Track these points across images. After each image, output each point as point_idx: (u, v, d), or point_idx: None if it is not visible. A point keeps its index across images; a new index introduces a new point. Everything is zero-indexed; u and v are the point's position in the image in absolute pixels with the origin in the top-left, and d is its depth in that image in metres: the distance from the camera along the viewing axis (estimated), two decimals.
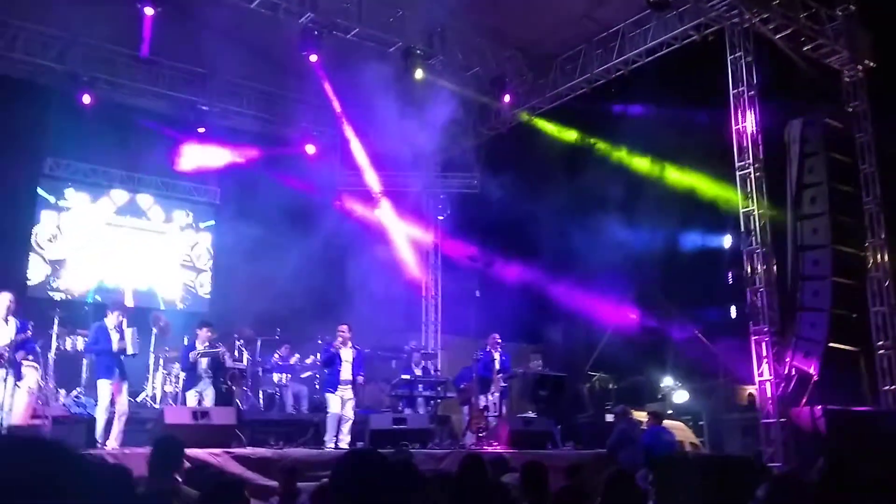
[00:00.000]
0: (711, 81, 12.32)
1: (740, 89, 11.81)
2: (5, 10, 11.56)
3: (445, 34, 13.23)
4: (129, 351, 9.19)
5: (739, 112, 11.77)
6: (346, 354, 10.43)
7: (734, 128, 11.82)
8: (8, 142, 12.51)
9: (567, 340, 14.44)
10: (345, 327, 10.60)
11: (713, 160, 12.62)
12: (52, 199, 13.80)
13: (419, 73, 13.50)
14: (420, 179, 17.04)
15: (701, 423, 14.50)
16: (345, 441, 10.10)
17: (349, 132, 15.27)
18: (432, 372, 14.16)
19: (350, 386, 10.38)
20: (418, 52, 13.02)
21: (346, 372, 10.36)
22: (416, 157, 16.19)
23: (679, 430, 12.72)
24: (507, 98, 14.61)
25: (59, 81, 12.93)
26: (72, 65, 12.87)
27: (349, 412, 10.29)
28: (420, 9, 12.36)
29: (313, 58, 12.47)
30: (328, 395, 10.43)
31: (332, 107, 15.25)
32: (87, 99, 12.80)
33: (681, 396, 15.15)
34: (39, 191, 13.84)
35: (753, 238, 11.39)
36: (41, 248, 13.68)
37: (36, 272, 13.59)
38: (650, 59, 13.22)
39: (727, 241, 13.19)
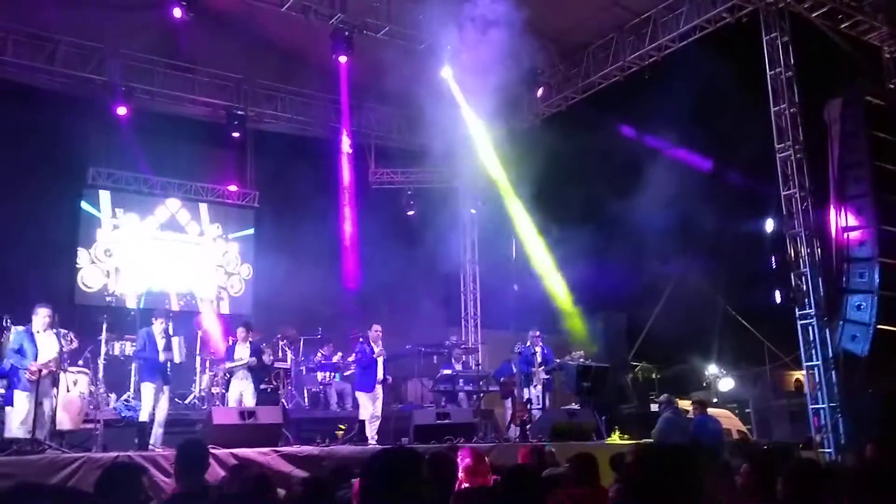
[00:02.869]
0: (748, 64, 12.12)
1: (777, 70, 11.62)
2: (44, 25, 11.83)
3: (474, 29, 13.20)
4: (176, 359, 9.36)
5: (777, 94, 11.59)
6: (380, 356, 10.60)
7: (772, 110, 11.63)
8: (51, 153, 12.82)
9: (608, 331, 14.31)
10: (378, 327, 10.75)
11: (751, 143, 12.42)
12: (105, 218, 14.51)
13: (447, 71, 13.56)
14: (455, 175, 17.07)
15: (748, 410, 14.33)
16: (373, 438, 10.22)
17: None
18: (473, 367, 14.19)
19: (381, 385, 10.59)
20: (448, 48, 13.07)
21: (380, 372, 10.56)
22: (449, 151, 16.24)
23: (725, 417, 12.58)
24: (539, 91, 14.60)
25: (97, 92, 13.20)
26: (109, 76, 13.15)
27: (378, 411, 10.46)
28: (448, 4, 12.36)
29: (343, 59, 12.57)
30: (361, 395, 10.58)
31: (364, 106, 15.41)
32: (122, 110, 13.10)
33: (726, 384, 14.98)
34: (87, 206, 14.28)
35: (796, 221, 11.21)
36: (99, 261, 14.30)
37: (94, 281, 14.13)
38: (683, 43, 13.05)
39: (769, 224, 12.97)
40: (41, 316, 8.50)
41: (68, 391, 9.00)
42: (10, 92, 12.34)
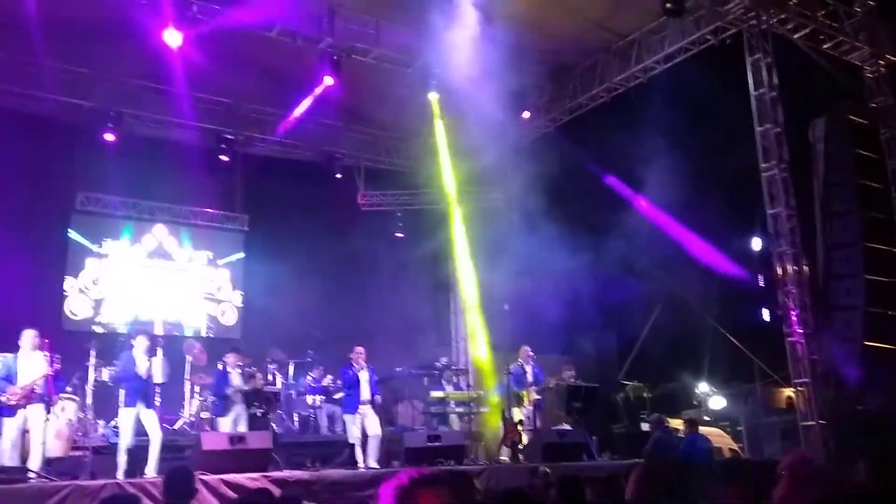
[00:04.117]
0: (731, 84, 12.27)
1: (761, 91, 11.76)
2: (30, 50, 11.84)
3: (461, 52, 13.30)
4: (157, 379, 9.26)
5: (762, 113, 11.72)
6: (364, 375, 10.57)
7: (757, 130, 11.76)
8: (40, 178, 12.80)
9: (599, 350, 14.34)
10: (361, 349, 10.75)
11: (737, 162, 12.54)
12: (93, 247, 14.44)
13: (434, 95, 13.67)
14: (444, 197, 17.13)
15: (739, 428, 14.32)
16: (372, 459, 10.15)
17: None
18: (464, 388, 14.16)
19: (370, 405, 10.50)
20: (436, 71, 13.18)
21: (365, 392, 10.50)
22: (438, 174, 16.32)
23: (717, 436, 12.59)
24: (526, 114, 14.73)
25: (86, 118, 13.20)
26: (97, 101, 13.16)
27: (376, 429, 10.36)
28: (437, 28, 12.47)
29: (329, 81, 12.64)
30: (347, 418, 10.58)
31: (352, 128, 15.47)
32: (109, 137, 13.12)
33: (717, 402, 14.98)
34: (74, 235, 14.24)
35: (783, 239, 11.29)
36: (86, 289, 14.22)
37: (81, 309, 14.07)
38: (668, 65, 13.21)
39: (756, 243, 13.07)
40: (27, 338, 8.49)
41: (56, 418, 8.93)
42: None
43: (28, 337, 8.52)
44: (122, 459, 8.76)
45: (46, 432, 8.50)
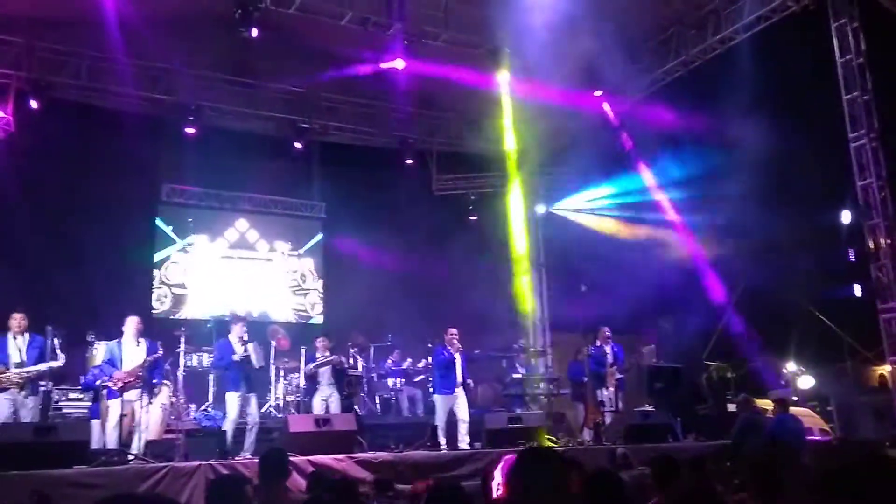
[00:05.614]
0: (816, 52, 11.78)
1: (848, 58, 11.27)
2: (114, 49, 12.25)
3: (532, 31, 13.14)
4: (255, 364, 9.60)
5: (849, 81, 11.23)
6: (458, 358, 10.60)
7: (844, 98, 11.29)
8: (128, 173, 13.25)
9: (679, 330, 14.03)
10: (454, 330, 10.76)
11: (824, 134, 12.04)
12: (178, 238, 14.99)
13: (504, 74, 13.55)
14: (516, 178, 17.04)
15: (829, 408, 13.84)
16: (464, 442, 10.21)
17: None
18: (543, 370, 14.13)
19: (462, 388, 10.52)
20: (506, 51, 13.08)
21: (459, 374, 10.52)
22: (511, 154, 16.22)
23: (807, 416, 12.18)
24: (598, 92, 14.52)
25: (168, 112, 13.62)
26: (179, 95, 13.56)
27: (465, 414, 10.39)
28: (507, 8, 12.35)
29: (400, 64, 12.67)
30: (439, 398, 10.58)
31: (424, 113, 15.50)
32: (190, 130, 13.50)
33: (806, 381, 14.50)
34: (162, 225, 14.83)
35: (874, 211, 10.84)
36: (169, 281, 14.76)
37: (163, 302, 14.61)
38: (748, 34, 12.74)
39: (845, 216, 12.53)
40: (130, 324, 8.91)
41: (151, 402, 9.32)
42: (85, 115, 12.84)
43: (131, 323, 8.96)
44: (230, 440, 9.23)
45: (149, 416, 8.93)
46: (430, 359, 12.19)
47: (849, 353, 13.83)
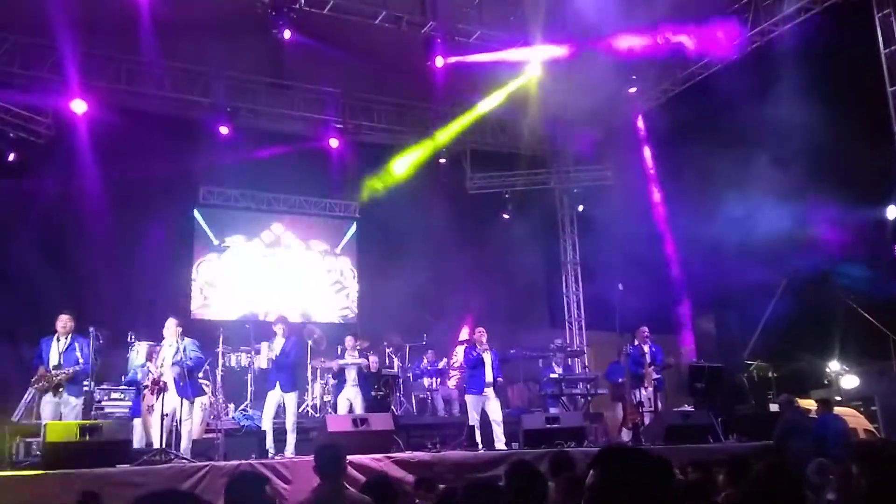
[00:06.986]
0: (859, 44, 11.50)
1: (892, 49, 11.00)
2: (154, 52, 12.38)
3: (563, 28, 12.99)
4: (263, 364, 9.91)
5: (893, 73, 10.95)
6: (487, 357, 10.56)
7: (889, 90, 11.01)
8: (166, 175, 13.39)
9: (720, 329, 13.82)
10: (482, 329, 10.78)
11: (870, 127, 11.74)
12: (216, 240, 15.18)
13: (536, 72, 13.44)
14: (552, 176, 16.95)
15: (874, 408, 13.54)
16: (500, 442, 10.15)
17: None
18: (579, 370, 14.00)
19: (492, 388, 10.48)
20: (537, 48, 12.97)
21: (488, 374, 10.48)
22: (546, 153, 16.15)
23: (851, 416, 11.90)
24: (633, 89, 14.37)
25: (205, 114, 13.73)
26: (215, 97, 13.67)
27: (497, 415, 10.34)
28: (540, 2, 12.25)
29: (440, 61, 12.61)
30: (470, 398, 10.55)
31: (457, 112, 15.45)
32: (224, 130, 13.59)
33: (849, 381, 14.19)
34: (201, 222, 15.02)
35: None
36: (207, 282, 14.93)
37: (201, 303, 14.79)
38: (788, 26, 12.49)
39: (891, 211, 12.21)
40: (170, 326, 9.02)
41: (192, 403, 9.40)
42: (125, 117, 12.97)
43: (171, 325, 9.05)
44: (269, 439, 9.46)
45: (192, 416, 9.04)
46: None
47: (894, 351, 13.50)
